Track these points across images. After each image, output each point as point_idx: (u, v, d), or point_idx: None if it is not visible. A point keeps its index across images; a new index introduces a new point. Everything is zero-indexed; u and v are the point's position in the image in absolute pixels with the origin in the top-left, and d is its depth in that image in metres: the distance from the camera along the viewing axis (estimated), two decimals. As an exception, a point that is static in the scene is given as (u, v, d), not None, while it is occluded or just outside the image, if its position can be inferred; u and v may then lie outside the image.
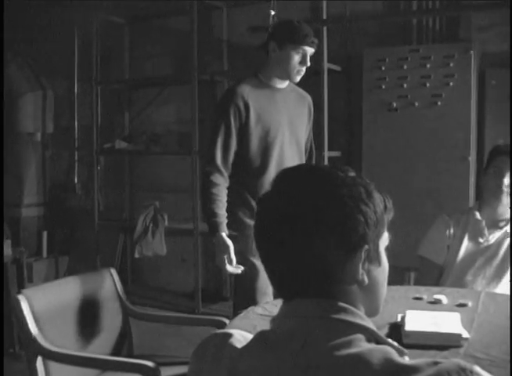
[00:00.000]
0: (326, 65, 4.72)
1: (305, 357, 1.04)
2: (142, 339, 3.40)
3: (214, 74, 5.66)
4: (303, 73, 3.11)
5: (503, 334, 2.01)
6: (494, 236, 2.89)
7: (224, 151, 3.06)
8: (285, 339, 1.08)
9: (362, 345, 1.04)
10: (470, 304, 2.36)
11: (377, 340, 1.08)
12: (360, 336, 1.06)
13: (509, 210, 2.88)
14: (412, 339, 1.90)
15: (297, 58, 3.03)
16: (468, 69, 4.39)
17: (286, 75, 3.11)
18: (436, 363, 0.99)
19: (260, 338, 1.14)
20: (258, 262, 2.77)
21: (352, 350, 1.02)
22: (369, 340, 1.07)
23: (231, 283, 5.80)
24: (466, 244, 2.91)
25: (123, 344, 2.94)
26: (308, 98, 3.39)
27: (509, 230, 2.87)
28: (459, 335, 1.91)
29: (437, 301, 2.41)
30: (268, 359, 1.08)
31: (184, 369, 2.71)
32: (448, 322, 2.02)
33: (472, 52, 4.37)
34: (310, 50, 3.04)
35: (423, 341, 1.90)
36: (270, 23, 4.63)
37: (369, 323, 1.10)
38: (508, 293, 2.72)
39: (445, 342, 1.90)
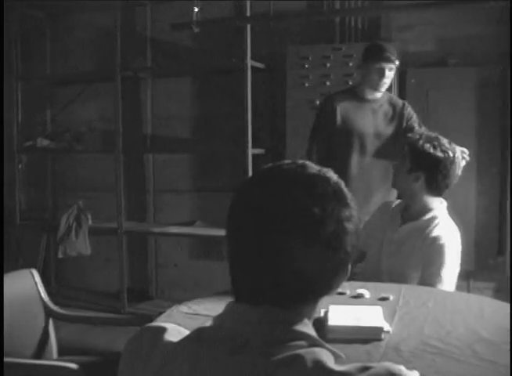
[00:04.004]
0: (250, 62, 4.73)
1: (240, 359, 1.02)
2: (67, 341, 3.33)
3: (138, 70, 5.61)
4: (385, 84, 3.75)
5: (422, 325, 2.07)
6: (405, 229, 2.94)
7: (316, 148, 3.92)
8: (224, 339, 1.05)
9: (299, 349, 1.02)
10: (391, 297, 2.41)
11: (318, 346, 1.06)
12: (302, 343, 1.04)
13: (426, 204, 2.94)
14: (335, 334, 1.93)
15: (375, 72, 3.69)
16: (389, 68, 4.47)
17: (372, 86, 3.77)
18: (366, 368, 1.00)
19: (197, 334, 1.10)
20: None
21: (289, 353, 1.01)
22: (309, 346, 1.04)
23: (157, 283, 5.77)
24: (385, 235, 2.97)
25: (45, 346, 2.88)
26: (399, 105, 3.92)
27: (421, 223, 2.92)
28: (381, 329, 1.95)
29: (359, 296, 2.45)
30: (202, 356, 1.05)
31: (108, 369, 2.68)
32: (370, 316, 2.06)
33: (392, 51, 4.46)
34: (387, 65, 3.68)
35: (346, 336, 1.93)
36: (193, 20, 4.61)
37: (311, 330, 1.08)
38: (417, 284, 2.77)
39: (367, 336, 1.94)
